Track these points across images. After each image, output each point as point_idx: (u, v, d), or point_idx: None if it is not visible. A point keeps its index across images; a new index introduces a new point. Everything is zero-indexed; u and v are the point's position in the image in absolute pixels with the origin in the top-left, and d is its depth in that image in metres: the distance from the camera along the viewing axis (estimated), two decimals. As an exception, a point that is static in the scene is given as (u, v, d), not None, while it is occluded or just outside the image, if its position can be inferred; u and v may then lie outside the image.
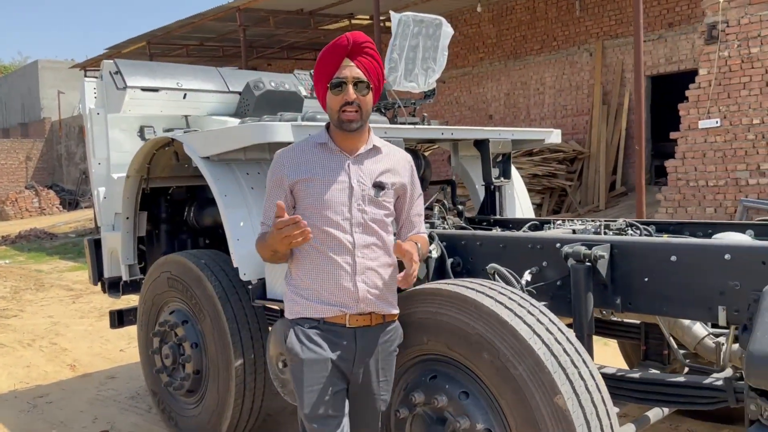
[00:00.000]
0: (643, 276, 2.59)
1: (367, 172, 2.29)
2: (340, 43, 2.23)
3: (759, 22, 8.25)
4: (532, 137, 4.59)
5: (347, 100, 2.19)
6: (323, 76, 2.26)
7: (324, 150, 2.29)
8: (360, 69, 2.23)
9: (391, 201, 2.35)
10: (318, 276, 2.25)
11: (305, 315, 2.26)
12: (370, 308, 2.26)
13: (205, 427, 3.67)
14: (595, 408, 2.12)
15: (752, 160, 8.34)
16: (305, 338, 2.23)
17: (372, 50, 2.29)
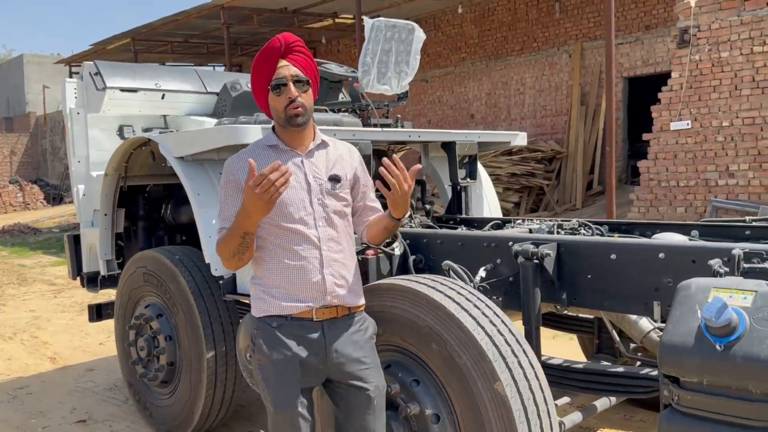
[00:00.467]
0: (586, 273, 2.77)
1: (321, 166, 2.35)
2: (273, 45, 2.29)
3: (729, 27, 8.49)
4: (498, 139, 4.75)
5: (291, 98, 2.24)
6: (262, 80, 2.31)
7: (275, 151, 2.33)
8: (297, 67, 2.28)
9: (347, 192, 2.41)
10: (285, 273, 2.27)
11: (273, 313, 2.28)
12: (336, 301, 2.29)
13: (177, 417, 3.82)
14: (532, 394, 2.30)
15: (721, 161, 8.58)
16: (273, 338, 2.27)
17: (303, 48, 2.35)
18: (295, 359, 2.26)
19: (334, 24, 15.60)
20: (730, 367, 1.72)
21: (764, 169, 8.27)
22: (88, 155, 4.62)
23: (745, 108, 8.38)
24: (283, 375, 2.26)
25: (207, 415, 3.69)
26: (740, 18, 8.40)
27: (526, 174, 12.30)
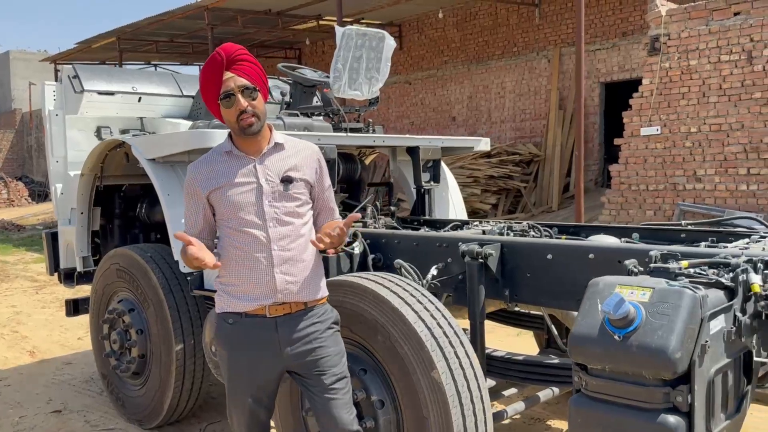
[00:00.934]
0: (526, 271, 2.98)
1: (274, 169, 2.41)
2: (215, 59, 2.35)
3: (697, 36, 8.75)
4: (461, 145, 4.95)
5: (240, 109, 2.31)
6: (211, 94, 2.38)
7: (230, 157, 2.41)
8: (242, 77, 2.33)
9: (302, 191, 2.45)
10: (240, 273, 2.38)
11: (228, 310, 2.42)
12: (288, 298, 2.37)
13: (148, 407, 3.99)
14: (466, 381, 2.50)
15: (689, 166, 8.84)
16: (228, 334, 2.42)
17: (245, 55, 2.39)
18: (246, 355, 2.40)
19: (318, 26, 15.78)
20: (627, 355, 1.93)
21: (729, 174, 8.53)
22: (66, 155, 4.78)
23: (712, 115, 8.64)
24: (235, 369, 2.43)
25: (176, 405, 3.87)
26: (708, 27, 8.67)
27: (504, 176, 12.53)
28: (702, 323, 1.93)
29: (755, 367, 2.26)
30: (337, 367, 2.45)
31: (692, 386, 1.90)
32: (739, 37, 8.41)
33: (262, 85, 2.40)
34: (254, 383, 2.44)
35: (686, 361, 1.88)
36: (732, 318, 2.09)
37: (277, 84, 5.67)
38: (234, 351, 2.42)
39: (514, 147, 13.30)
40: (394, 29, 16.67)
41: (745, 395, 2.23)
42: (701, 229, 3.30)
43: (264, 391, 2.47)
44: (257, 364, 2.41)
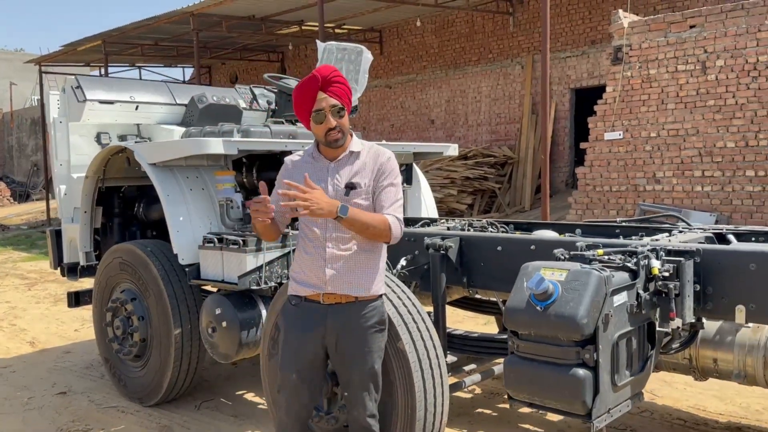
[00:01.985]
0: (480, 261, 3.50)
1: (344, 175, 2.69)
2: (312, 81, 2.63)
3: (657, 47, 9.35)
4: (431, 150, 5.46)
5: (329, 127, 2.63)
6: (304, 109, 2.67)
7: (313, 160, 2.76)
8: (333, 98, 2.63)
9: (365, 197, 2.68)
10: (303, 262, 2.73)
11: (293, 293, 2.77)
12: (337, 290, 2.66)
13: (148, 386, 4.44)
14: (426, 351, 3.00)
15: (649, 168, 9.44)
16: (290, 312, 2.77)
17: (338, 77, 2.68)
18: (298, 332, 2.73)
19: (300, 31, 16.23)
20: (547, 322, 2.44)
21: (686, 176, 9.14)
22: (70, 159, 5.21)
23: (670, 121, 9.25)
24: (287, 344, 2.79)
25: (174, 383, 4.32)
26: (666, 39, 9.27)
27: (480, 177, 13.08)
28: (606, 297, 2.44)
29: (658, 335, 2.79)
30: (363, 365, 2.70)
31: (597, 346, 2.42)
32: (695, 48, 9.03)
33: (348, 104, 2.70)
34: (300, 360, 2.74)
35: (592, 326, 2.40)
36: (635, 294, 2.62)
37: (263, 93, 6.12)
38: (290, 328, 2.77)
39: (490, 149, 13.87)
40: (375, 35, 17.18)
41: (650, 357, 2.76)
42: (632, 225, 3.84)
43: (308, 370, 2.75)
44: (305, 342, 2.72)
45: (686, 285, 2.69)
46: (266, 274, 3.85)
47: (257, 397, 4.71)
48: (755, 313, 2.72)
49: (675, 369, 3.45)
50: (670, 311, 2.66)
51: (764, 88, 8.53)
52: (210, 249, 3.99)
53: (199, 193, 4.30)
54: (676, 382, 4.72)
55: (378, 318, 2.74)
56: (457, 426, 4.02)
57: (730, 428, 3.96)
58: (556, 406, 2.52)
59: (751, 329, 3.20)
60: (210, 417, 4.34)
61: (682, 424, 4.05)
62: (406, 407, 2.95)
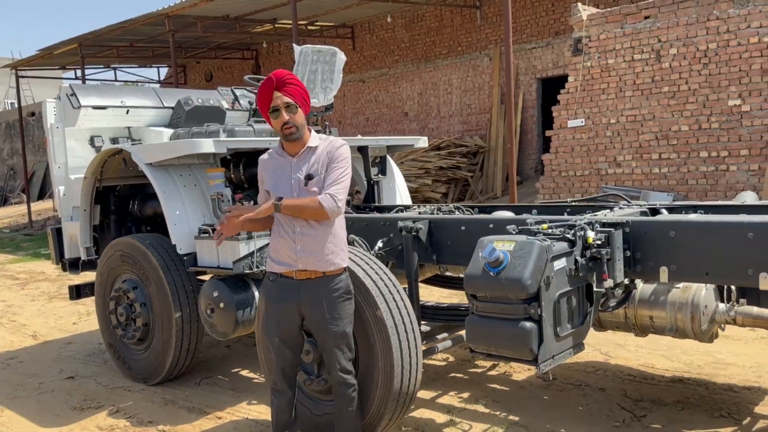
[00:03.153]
0: (447, 240, 3.97)
1: (303, 167, 3.13)
2: (268, 82, 3.07)
3: (614, 38, 9.90)
4: (403, 143, 5.92)
5: (283, 121, 3.09)
6: (264, 107, 3.11)
7: (279, 156, 3.22)
8: (287, 96, 3.06)
9: (320, 185, 3.09)
10: (276, 244, 3.20)
11: (270, 270, 3.25)
12: (307, 266, 3.12)
13: (152, 366, 4.87)
14: (402, 317, 3.47)
15: (610, 153, 10.01)
16: (268, 288, 3.26)
17: (293, 79, 3.11)
18: (277, 304, 3.22)
19: (274, 29, 16.57)
20: (499, 285, 2.93)
21: (644, 159, 9.73)
22: (67, 162, 5.60)
23: (628, 107, 9.82)
24: (269, 314, 3.29)
25: (176, 363, 4.76)
26: (623, 30, 9.83)
27: (453, 167, 13.59)
28: (547, 263, 2.94)
29: (595, 294, 3.29)
30: (337, 327, 3.16)
31: (540, 303, 2.91)
32: (649, 38, 9.59)
33: (303, 103, 3.12)
34: (280, 327, 3.23)
35: (535, 286, 2.89)
36: (573, 260, 3.11)
37: (244, 93, 6.53)
38: (270, 301, 3.26)
39: (462, 140, 14.38)
40: (347, 31, 17.58)
41: (589, 313, 3.26)
42: (580, 205, 4.35)
43: (287, 334, 3.25)
44: (283, 313, 3.21)
45: (616, 251, 3.20)
46: (257, 260, 4.29)
47: (251, 373, 5.16)
48: (675, 273, 3.22)
49: (618, 327, 3.96)
50: (603, 273, 3.16)
51: (714, 74, 9.12)
52: (205, 239, 4.42)
53: (192, 189, 4.73)
54: (628, 344, 5.26)
55: (344, 288, 3.21)
56: (433, 389, 4.51)
57: (674, 381, 4.50)
58: (508, 355, 3.01)
59: (681, 289, 3.71)
60: (210, 391, 4.79)
61: (632, 379, 4.58)
62: (385, 366, 3.42)
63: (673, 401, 4.12)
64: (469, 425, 3.94)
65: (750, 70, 8.79)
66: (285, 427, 3.38)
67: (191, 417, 4.32)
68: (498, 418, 4.02)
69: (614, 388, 4.38)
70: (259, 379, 5.03)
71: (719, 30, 8.98)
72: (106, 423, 4.34)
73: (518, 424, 3.91)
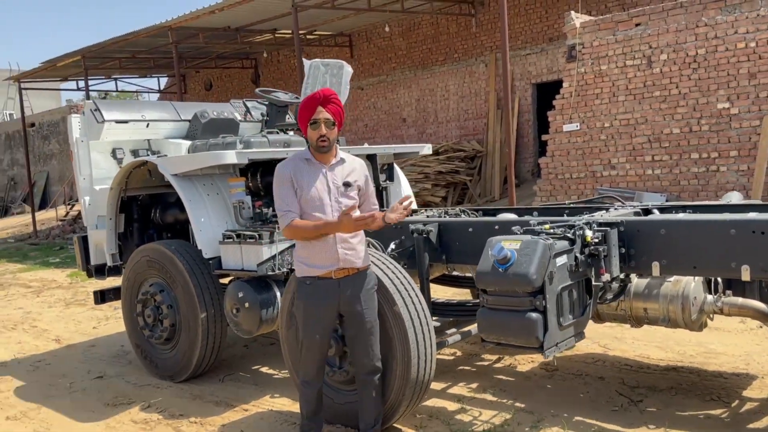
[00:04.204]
0: (455, 241, 4.30)
1: (338, 175, 3.49)
2: (315, 97, 3.43)
3: (606, 45, 10.27)
4: (409, 150, 6.26)
5: (320, 134, 3.42)
6: (305, 118, 3.43)
7: (309, 164, 3.49)
8: (329, 113, 3.41)
9: (355, 192, 3.52)
10: (314, 249, 3.45)
11: (306, 275, 3.50)
12: (347, 265, 3.46)
13: (179, 364, 5.18)
14: (417, 312, 3.79)
15: (605, 156, 10.36)
16: (307, 290, 3.51)
17: (335, 99, 3.45)
18: (317, 305, 3.49)
19: (274, 38, 16.92)
20: (507, 280, 3.26)
21: (638, 162, 10.08)
22: (92, 173, 5.91)
23: (621, 111, 10.18)
24: (309, 315, 3.56)
25: (201, 360, 5.06)
26: (615, 37, 10.19)
27: (452, 171, 13.94)
28: (550, 259, 3.27)
29: (594, 288, 3.62)
30: (372, 316, 3.56)
31: (545, 296, 3.24)
32: (641, 44, 9.96)
33: (339, 122, 3.48)
34: (320, 324, 3.53)
35: (540, 281, 3.22)
36: (573, 257, 3.44)
37: (255, 105, 6.86)
38: (310, 303, 3.52)
39: (460, 144, 14.73)
40: (345, 39, 17.93)
41: (588, 305, 3.59)
42: (577, 207, 4.69)
43: (326, 331, 3.57)
44: (323, 311, 3.51)
45: (612, 248, 3.53)
46: (279, 262, 4.61)
47: (271, 369, 5.48)
48: (666, 267, 3.56)
49: (615, 319, 4.28)
50: (601, 268, 3.50)
51: (704, 79, 9.48)
52: (230, 243, 4.73)
53: (215, 197, 5.04)
54: (626, 337, 5.60)
55: (374, 281, 3.62)
56: (443, 380, 4.83)
57: (668, 369, 4.83)
58: (517, 343, 3.34)
59: (672, 283, 4.03)
60: (234, 386, 5.10)
61: (629, 368, 4.90)
62: (403, 357, 3.73)
63: (667, 387, 4.44)
64: (479, 412, 4.26)
65: (738, 74, 9.15)
66: (315, 414, 3.70)
67: (219, 410, 4.63)
68: (505, 405, 4.34)
69: (612, 377, 4.71)
70: (278, 374, 5.34)
71: (708, 36, 9.35)
72: (139, 417, 4.64)
73: (525, 411, 4.23)
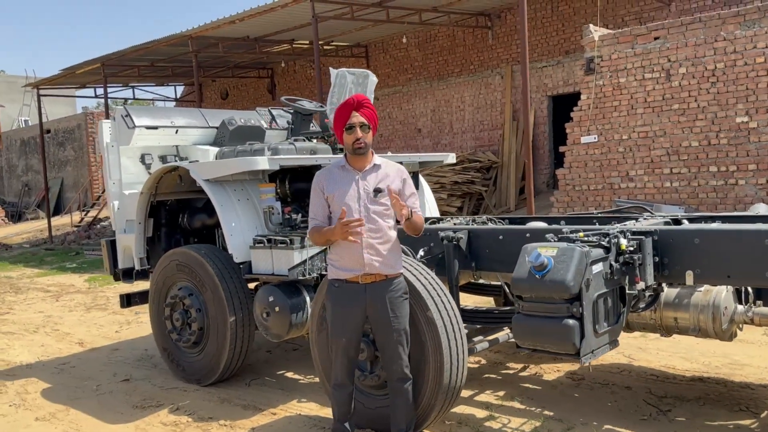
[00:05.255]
0: (485, 248, 4.34)
1: (370, 182, 3.53)
2: (349, 103, 3.52)
3: (625, 58, 10.31)
4: (433, 159, 6.31)
5: (356, 138, 3.50)
6: (340, 123, 3.52)
7: (343, 170, 3.58)
8: (363, 117, 3.50)
9: (387, 199, 3.47)
10: (342, 252, 3.52)
11: (335, 277, 3.57)
12: (373, 271, 3.48)
13: (206, 368, 5.22)
14: (449, 318, 3.82)
15: (622, 168, 10.38)
16: (335, 294, 3.58)
17: (369, 104, 3.54)
18: (344, 308, 3.55)
19: (291, 48, 17.06)
20: (544, 286, 3.29)
21: (656, 174, 10.09)
22: (121, 178, 5.99)
23: (639, 124, 10.20)
24: (336, 317, 3.63)
25: (229, 364, 5.10)
26: (634, 50, 10.23)
27: (467, 182, 13.98)
28: (586, 266, 3.30)
29: (627, 296, 3.64)
30: (400, 325, 3.55)
31: (582, 303, 3.27)
32: (659, 58, 10.00)
33: (374, 126, 3.57)
34: (347, 327, 3.58)
35: (577, 288, 3.25)
36: (608, 265, 3.47)
37: (280, 113, 6.94)
38: (336, 305, 3.59)
39: (475, 155, 14.78)
40: (361, 50, 18.06)
41: (622, 313, 3.62)
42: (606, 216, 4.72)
43: (354, 334, 3.61)
44: (350, 315, 3.56)
45: (647, 256, 3.56)
46: (309, 267, 4.66)
47: (296, 374, 5.52)
48: (700, 276, 3.58)
49: (645, 328, 4.30)
50: (635, 276, 3.52)
51: (722, 93, 9.50)
52: (260, 248, 4.79)
53: (245, 202, 5.11)
54: (650, 348, 5.61)
55: (403, 289, 3.61)
56: (469, 388, 4.84)
57: (693, 380, 4.83)
58: (552, 350, 3.37)
59: (702, 292, 4.05)
60: (260, 391, 5.14)
61: (655, 379, 4.91)
62: (436, 362, 3.77)
63: (694, 398, 4.45)
64: (508, 419, 4.28)
65: (756, 89, 9.17)
66: (346, 416, 3.73)
67: (248, 413, 4.66)
68: (534, 413, 4.36)
69: (639, 387, 4.72)
70: (304, 379, 5.38)
71: (726, 50, 9.38)
72: (168, 419, 4.69)
73: (553, 419, 4.25)
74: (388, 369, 3.69)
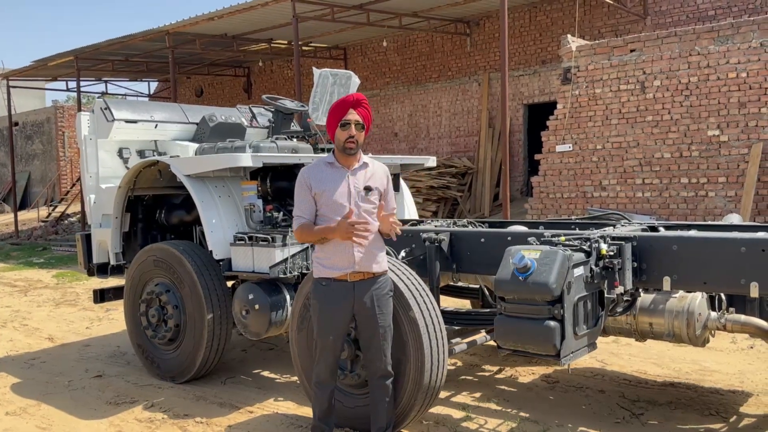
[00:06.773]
0: (467, 251, 4.38)
1: (360, 180, 3.54)
2: (347, 99, 3.51)
3: (601, 69, 10.49)
4: (414, 162, 6.35)
5: (350, 135, 3.47)
6: (335, 119, 3.49)
7: (331, 167, 3.55)
8: (359, 116, 3.49)
9: (376, 197, 3.56)
10: (332, 250, 3.50)
11: (323, 276, 3.55)
12: (362, 269, 3.50)
13: (182, 365, 5.17)
14: (431, 318, 3.85)
15: (596, 177, 10.55)
16: (322, 292, 3.56)
17: (367, 105, 3.53)
18: (332, 306, 3.54)
19: (269, 48, 16.99)
20: (526, 288, 3.33)
21: (628, 184, 10.27)
22: (98, 171, 5.91)
23: (613, 134, 10.38)
24: (324, 315, 3.60)
25: (205, 362, 5.06)
26: (610, 61, 10.42)
27: (443, 187, 14.06)
28: (568, 270, 3.35)
29: (606, 300, 3.71)
30: (386, 321, 3.59)
31: (563, 305, 3.32)
32: (635, 70, 10.19)
33: (367, 126, 3.58)
34: (335, 326, 3.58)
35: (559, 290, 3.30)
36: (589, 269, 3.54)
37: (261, 111, 6.92)
38: (324, 304, 3.58)
39: (451, 160, 14.88)
40: (340, 52, 18.07)
41: (601, 316, 3.68)
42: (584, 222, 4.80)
43: (340, 332, 3.61)
44: (339, 312, 3.56)
45: (626, 261, 3.63)
46: (290, 265, 4.65)
47: (273, 373, 5.49)
48: (677, 282, 3.67)
49: (620, 333, 4.37)
50: (615, 281, 3.59)
51: (695, 106, 9.72)
52: (241, 245, 4.77)
53: (226, 199, 5.08)
54: (622, 353, 5.70)
55: (389, 287, 3.65)
56: (446, 389, 4.86)
57: (665, 385, 4.93)
58: (533, 350, 3.41)
59: (677, 298, 4.14)
60: (237, 389, 5.11)
61: (628, 383, 5.00)
62: (417, 361, 3.79)
63: (666, 402, 4.54)
64: (485, 420, 4.32)
65: (728, 103, 9.40)
66: (327, 415, 3.73)
67: (224, 411, 4.63)
68: (510, 414, 4.41)
69: (612, 391, 4.80)
70: (280, 378, 5.36)
71: (700, 65, 9.60)
72: (143, 416, 4.63)
73: (529, 420, 4.30)
74: (371, 366, 3.70)
